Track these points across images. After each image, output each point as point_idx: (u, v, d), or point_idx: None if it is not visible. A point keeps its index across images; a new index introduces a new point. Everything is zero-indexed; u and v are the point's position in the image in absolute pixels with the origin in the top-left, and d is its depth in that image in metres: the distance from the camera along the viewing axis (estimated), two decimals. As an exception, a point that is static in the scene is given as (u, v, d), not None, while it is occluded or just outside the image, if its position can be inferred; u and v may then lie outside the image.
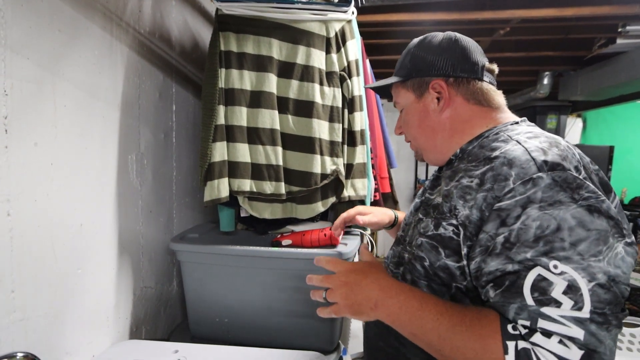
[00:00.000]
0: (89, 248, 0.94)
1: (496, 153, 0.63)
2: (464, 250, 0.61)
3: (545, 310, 0.51)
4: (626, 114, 4.46)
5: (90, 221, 0.94)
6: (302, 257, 1.10)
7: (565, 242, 0.52)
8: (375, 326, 0.79)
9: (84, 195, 0.92)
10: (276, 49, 1.20)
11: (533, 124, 0.73)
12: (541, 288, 0.52)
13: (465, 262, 0.61)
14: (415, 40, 0.80)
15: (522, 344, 0.52)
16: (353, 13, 1.25)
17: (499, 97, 0.76)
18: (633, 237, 0.56)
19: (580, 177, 0.55)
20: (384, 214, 1.03)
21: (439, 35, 0.77)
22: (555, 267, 0.51)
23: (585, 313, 0.50)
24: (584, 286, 0.50)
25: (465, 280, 0.62)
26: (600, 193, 0.55)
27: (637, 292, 2.81)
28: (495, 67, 0.77)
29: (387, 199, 1.69)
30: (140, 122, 1.14)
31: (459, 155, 0.73)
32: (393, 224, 1.04)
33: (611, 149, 4.04)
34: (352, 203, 1.28)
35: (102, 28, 0.96)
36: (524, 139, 0.63)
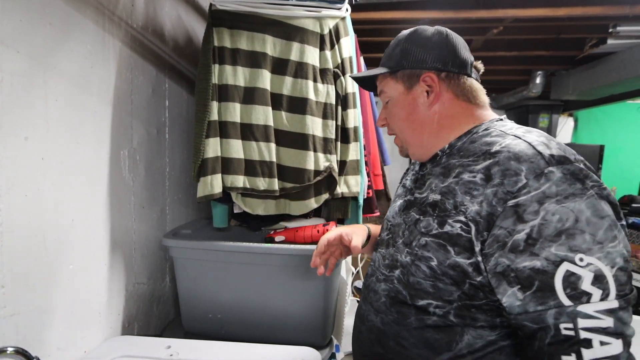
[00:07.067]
0: (81, 243, 0.94)
1: (496, 148, 0.63)
2: (477, 247, 0.61)
3: (581, 308, 0.53)
4: (617, 114, 4.53)
5: (82, 216, 0.94)
6: (295, 254, 1.10)
7: (585, 233, 0.54)
8: (369, 331, 0.76)
9: (76, 190, 0.91)
10: (270, 46, 1.20)
11: (512, 121, 0.75)
12: (572, 283, 0.54)
13: (479, 258, 0.61)
14: (405, 32, 0.78)
15: None
16: (347, 10, 1.25)
17: (484, 96, 0.76)
18: (624, 221, 0.59)
19: (585, 168, 0.58)
20: (362, 230, 0.93)
21: (430, 29, 0.76)
22: (581, 259, 0.54)
23: (613, 302, 0.53)
24: (608, 273, 0.54)
25: (480, 276, 0.61)
26: (601, 181, 0.58)
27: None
28: (481, 66, 0.77)
29: (380, 196, 1.70)
30: (133, 118, 1.13)
31: (447, 151, 0.73)
32: (367, 240, 0.94)
33: (601, 148, 4.10)
34: (345, 199, 1.29)
35: (95, 22, 0.95)
36: (521, 134, 0.64)
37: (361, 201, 1.29)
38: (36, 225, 0.80)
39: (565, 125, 4.87)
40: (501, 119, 0.74)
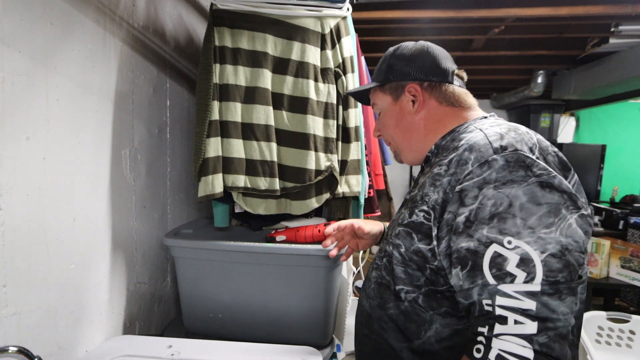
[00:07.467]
0: (82, 243, 0.94)
1: (462, 142, 0.68)
2: (434, 232, 0.66)
3: (502, 287, 0.56)
4: (618, 113, 4.51)
5: (84, 216, 0.94)
6: (296, 253, 1.10)
7: (516, 217, 0.57)
8: (361, 314, 0.83)
9: (77, 190, 0.92)
10: (271, 45, 1.20)
11: (501, 118, 0.78)
12: (498, 264, 0.56)
13: (435, 243, 0.66)
14: (391, 49, 0.86)
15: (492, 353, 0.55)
16: (348, 9, 1.25)
17: (470, 98, 0.81)
18: (589, 211, 0.60)
19: (532, 156, 0.60)
20: (377, 225, 0.99)
21: (411, 45, 0.83)
22: (509, 242, 0.56)
23: (536, 285, 0.54)
24: (536, 258, 0.55)
25: (436, 260, 0.66)
26: (551, 170, 0.59)
27: (627, 288, 2.86)
28: (464, 74, 0.83)
29: (381, 196, 1.70)
30: (134, 117, 1.13)
31: (434, 151, 0.79)
32: (382, 237, 1.00)
33: (603, 147, 4.08)
34: (346, 199, 1.29)
35: (96, 22, 0.96)
36: (487, 127, 0.69)
37: (362, 201, 1.29)
38: (37, 225, 0.80)
39: (567, 125, 4.85)
40: (485, 117, 0.77)
